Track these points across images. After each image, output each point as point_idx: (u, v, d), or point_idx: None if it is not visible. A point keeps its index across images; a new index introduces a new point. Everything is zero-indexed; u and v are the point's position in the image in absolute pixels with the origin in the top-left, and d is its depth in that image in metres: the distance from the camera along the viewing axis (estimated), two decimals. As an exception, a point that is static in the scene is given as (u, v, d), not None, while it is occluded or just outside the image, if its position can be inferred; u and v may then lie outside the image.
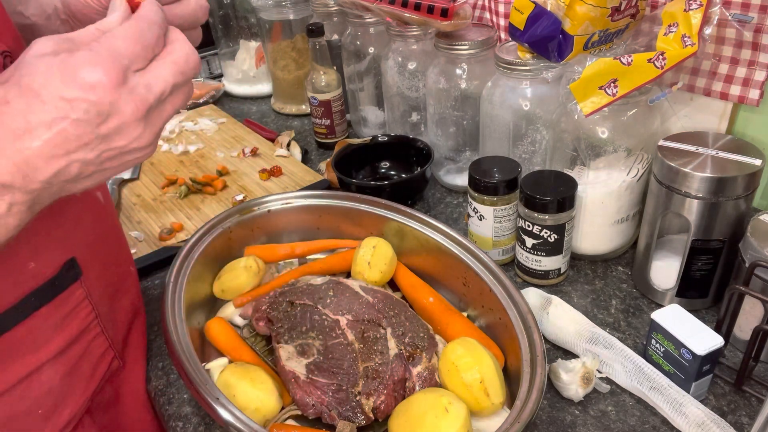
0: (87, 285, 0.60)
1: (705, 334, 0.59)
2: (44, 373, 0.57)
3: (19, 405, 0.55)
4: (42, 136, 0.37)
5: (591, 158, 0.75)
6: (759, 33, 0.73)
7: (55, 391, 0.58)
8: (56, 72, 0.37)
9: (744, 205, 0.65)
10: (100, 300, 0.63)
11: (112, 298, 0.67)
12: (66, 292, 0.57)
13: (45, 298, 0.55)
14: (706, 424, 0.56)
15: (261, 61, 1.42)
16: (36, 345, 0.55)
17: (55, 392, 0.58)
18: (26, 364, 0.55)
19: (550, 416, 0.62)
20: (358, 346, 0.64)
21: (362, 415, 0.59)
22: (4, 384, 0.54)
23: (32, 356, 0.55)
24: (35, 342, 0.55)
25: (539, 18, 0.74)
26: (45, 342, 0.56)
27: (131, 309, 0.72)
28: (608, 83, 0.68)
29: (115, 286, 0.68)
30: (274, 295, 0.72)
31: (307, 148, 1.18)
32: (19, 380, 0.55)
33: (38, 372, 0.56)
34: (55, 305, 0.56)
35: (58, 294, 0.56)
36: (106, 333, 0.64)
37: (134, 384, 0.70)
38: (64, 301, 0.57)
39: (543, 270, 0.77)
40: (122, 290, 0.70)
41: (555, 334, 0.68)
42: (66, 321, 0.58)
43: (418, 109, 1.04)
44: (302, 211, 0.83)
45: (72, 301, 0.58)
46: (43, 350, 0.56)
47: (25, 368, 0.55)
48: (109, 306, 0.66)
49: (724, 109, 0.81)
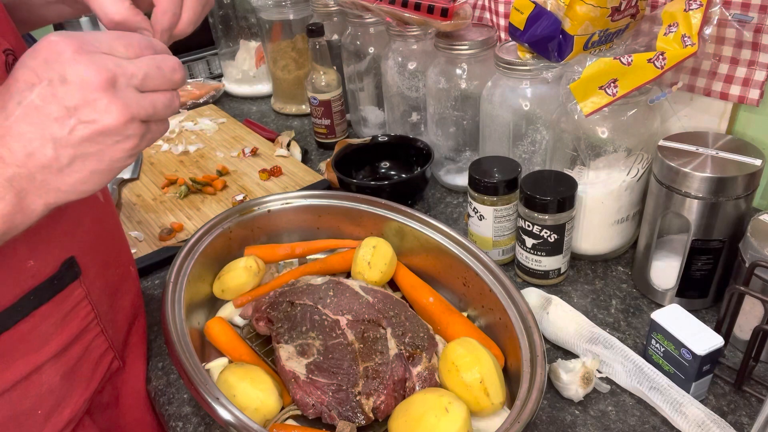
0: (87, 284, 0.60)
1: (705, 334, 0.59)
2: (44, 372, 0.57)
3: (20, 405, 0.55)
4: (13, 111, 0.38)
5: (591, 158, 0.75)
6: (759, 33, 0.73)
7: (55, 390, 0.58)
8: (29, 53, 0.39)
9: (744, 205, 0.65)
10: (99, 299, 0.63)
11: (112, 298, 0.67)
12: (65, 291, 0.57)
13: (44, 296, 0.55)
14: (706, 424, 0.56)
15: (261, 61, 1.42)
16: (36, 344, 0.56)
17: (56, 392, 0.58)
18: (27, 364, 0.55)
19: (550, 416, 0.62)
20: (358, 346, 0.64)
21: (362, 415, 0.59)
22: (5, 383, 0.54)
23: (33, 355, 0.55)
24: (35, 341, 0.55)
25: (539, 18, 0.74)
26: (45, 341, 0.56)
27: (131, 309, 0.72)
28: (608, 83, 0.68)
29: (115, 286, 0.68)
30: (274, 295, 0.72)
31: (307, 148, 1.18)
32: (20, 379, 0.55)
33: (38, 371, 0.56)
34: (54, 304, 0.56)
35: (58, 293, 0.56)
36: (105, 333, 0.64)
37: (134, 384, 0.70)
38: (63, 300, 0.57)
39: (543, 270, 0.77)
40: (122, 290, 0.70)
41: (555, 334, 0.68)
42: (66, 320, 0.58)
43: (418, 109, 1.04)
44: (302, 211, 0.83)
45: (72, 300, 0.58)
46: (43, 349, 0.56)
47: (25, 367, 0.55)
48: (109, 306, 0.66)
49: (724, 109, 0.81)
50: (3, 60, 0.50)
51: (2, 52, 0.50)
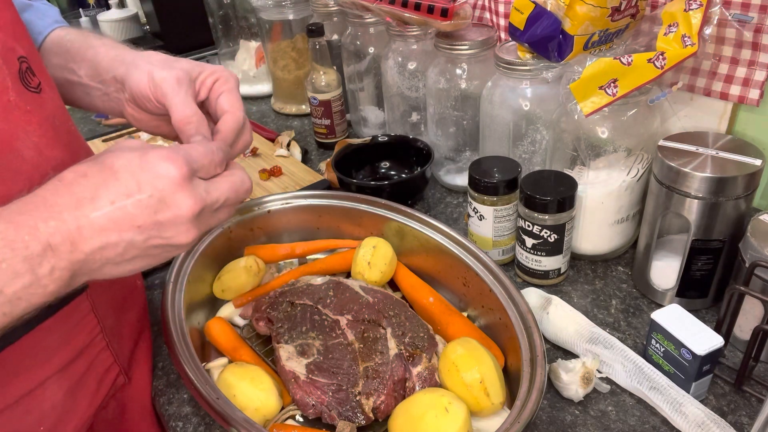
0: (93, 297, 0.59)
1: (705, 334, 0.59)
2: (48, 387, 0.55)
3: (22, 421, 0.54)
4: (103, 208, 0.40)
5: (591, 158, 0.75)
6: (759, 33, 0.73)
7: (58, 406, 0.57)
8: (137, 159, 0.42)
9: (744, 205, 0.65)
10: (105, 313, 0.61)
11: (118, 312, 0.65)
12: (72, 305, 0.56)
13: (50, 310, 0.54)
14: (706, 424, 0.56)
15: (261, 61, 1.42)
16: (40, 358, 0.54)
17: (59, 408, 0.57)
18: (30, 379, 0.54)
19: (550, 416, 0.62)
20: (358, 346, 0.64)
21: (362, 415, 0.59)
22: (8, 399, 0.52)
23: (37, 370, 0.54)
24: (40, 355, 0.54)
25: (539, 18, 0.74)
26: (50, 356, 0.55)
27: (137, 324, 0.71)
28: (608, 83, 0.68)
29: (122, 299, 0.67)
30: (274, 295, 0.72)
31: (307, 148, 1.18)
32: (23, 395, 0.53)
33: (42, 387, 0.55)
34: (60, 317, 0.55)
35: (64, 306, 0.55)
36: (111, 347, 0.63)
37: (140, 400, 0.68)
38: (69, 314, 0.56)
39: (543, 270, 0.77)
40: (128, 304, 0.69)
41: (555, 334, 0.68)
42: (71, 334, 0.57)
43: (418, 109, 1.04)
44: (302, 211, 0.83)
45: (78, 313, 0.57)
46: (47, 364, 0.55)
47: (29, 383, 0.54)
48: (115, 319, 0.64)
49: (724, 109, 0.81)
50: (17, 68, 0.50)
51: (17, 60, 0.50)
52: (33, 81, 0.51)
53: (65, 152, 0.53)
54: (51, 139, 0.52)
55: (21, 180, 0.48)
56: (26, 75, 0.50)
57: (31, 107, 0.50)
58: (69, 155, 0.54)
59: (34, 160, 0.49)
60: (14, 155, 0.48)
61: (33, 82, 0.51)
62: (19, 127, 0.49)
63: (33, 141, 0.50)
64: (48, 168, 0.50)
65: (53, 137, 0.52)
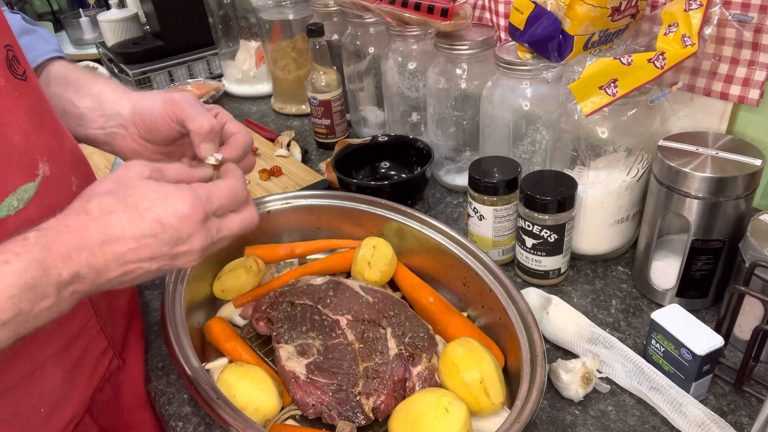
0: None
1: (705, 334, 0.59)
2: (47, 370, 0.57)
3: (23, 403, 0.56)
4: (129, 245, 0.45)
5: (591, 158, 0.75)
6: (759, 33, 0.73)
7: (57, 389, 0.59)
8: (159, 200, 0.46)
9: (744, 205, 0.65)
10: (99, 298, 0.63)
11: (109, 297, 0.67)
12: None
13: None
14: (706, 424, 0.56)
15: (261, 61, 1.42)
16: (39, 342, 0.56)
17: (58, 390, 0.59)
18: (30, 362, 0.56)
19: (550, 416, 0.62)
20: (358, 346, 0.64)
21: (362, 415, 0.59)
22: (9, 380, 0.54)
23: (35, 353, 0.56)
24: (37, 339, 0.56)
25: (539, 18, 0.74)
26: (47, 339, 0.57)
27: (128, 310, 0.73)
28: (608, 83, 0.68)
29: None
30: (274, 295, 0.72)
31: (307, 148, 1.18)
32: (24, 377, 0.55)
33: (42, 369, 0.57)
34: None
35: None
36: (105, 331, 0.65)
37: (134, 384, 0.70)
38: None
39: (543, 270, 0.77)
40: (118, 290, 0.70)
41: (555, 334, 0.68)
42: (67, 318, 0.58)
43: (418, 109, 1.04)
44: (302, 211, 0.83)
45: None
46: (45, 347, 0.57)
47: (29, 365, 0.56)
48: (108, 304, 0.66)
49: (724, 109, 0.81)
50: (5, 55, 0.51)
51: (4, 47, 0.51)
52: (19, 69, 0.52)
53: (51, 138, 0.55)
54: (37, 125, 0.53)
55: (12, 165, 0.50)
56: (12, 62, 0.52)
57: (18, 93, 0.51)
58: (55, 141, 0.56)
59: (23, 145, 0.51)
60: (4, 140, 0.49)
61: (19, 69, 0.52)
62: (9, 112, 0.50)
63: (22, 126, 0.51)
64: (36, 153, 0.52)
65: (39, 123, 0.53)
